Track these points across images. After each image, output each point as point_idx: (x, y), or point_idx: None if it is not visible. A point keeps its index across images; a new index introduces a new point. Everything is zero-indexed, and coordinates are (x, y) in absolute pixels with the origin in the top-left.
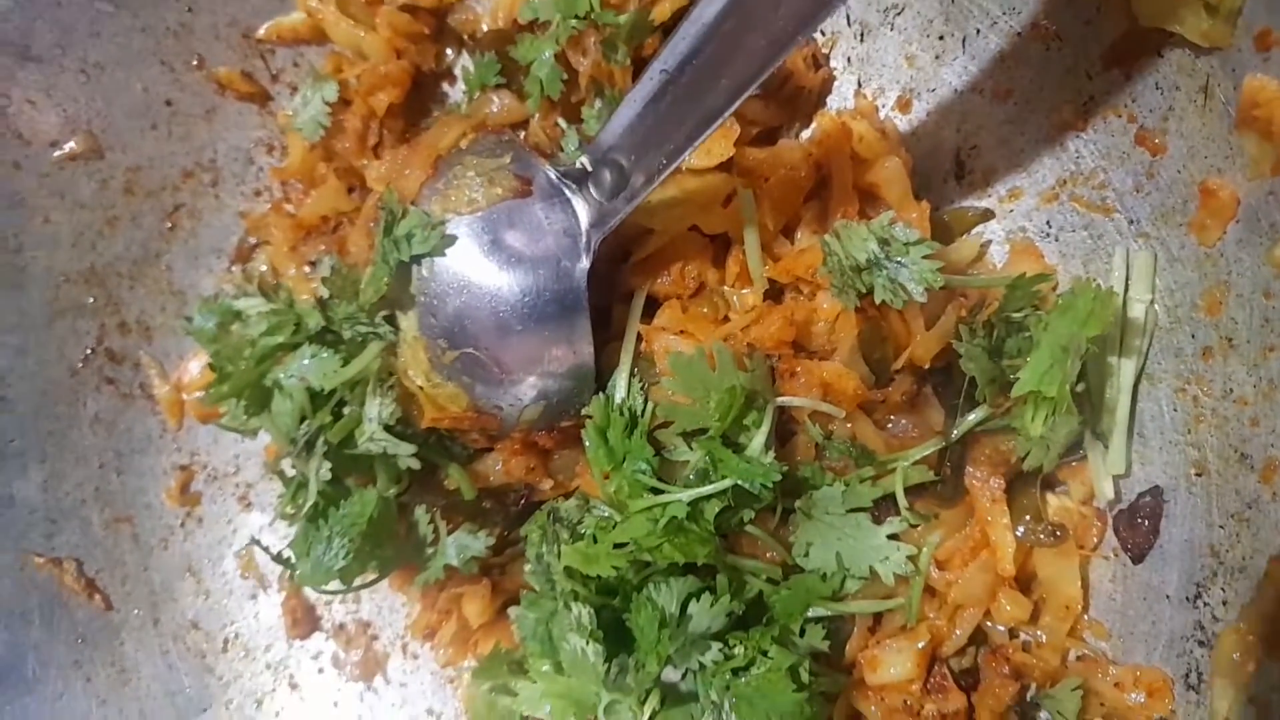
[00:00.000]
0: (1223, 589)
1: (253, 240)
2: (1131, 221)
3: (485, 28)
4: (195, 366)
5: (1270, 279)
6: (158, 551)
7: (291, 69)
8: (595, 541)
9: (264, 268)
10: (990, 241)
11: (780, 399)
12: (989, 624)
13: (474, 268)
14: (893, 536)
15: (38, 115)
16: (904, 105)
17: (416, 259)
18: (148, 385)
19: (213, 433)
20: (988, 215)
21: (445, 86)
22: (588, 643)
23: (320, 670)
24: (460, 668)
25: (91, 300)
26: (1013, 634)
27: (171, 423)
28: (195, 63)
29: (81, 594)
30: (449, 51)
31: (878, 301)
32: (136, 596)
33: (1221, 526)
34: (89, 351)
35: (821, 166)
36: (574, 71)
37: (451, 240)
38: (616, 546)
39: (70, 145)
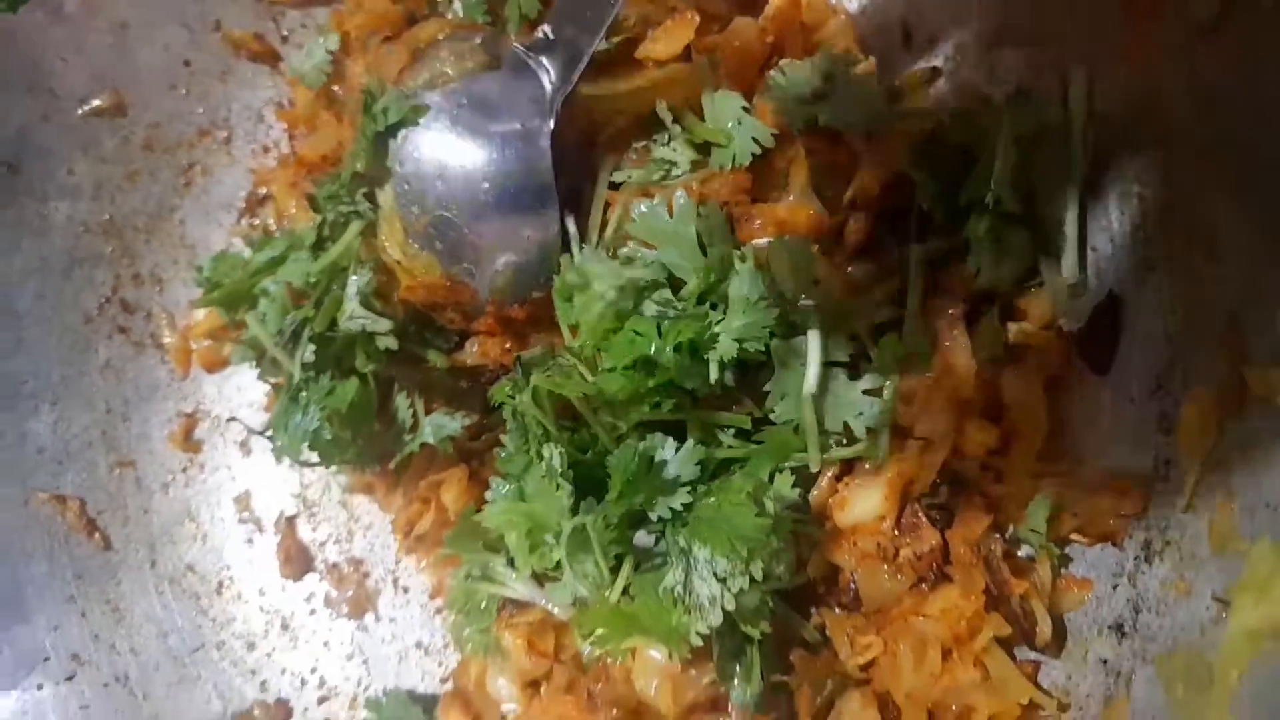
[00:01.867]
0: (1181, 371)
1: (261, 193)
2: (1065, 44)
3: None
4: (202, 314)
5: (1197, 49)
6: (158, 495)
7: (300, 30)
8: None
9: (270, 219)
10: (944, 103)
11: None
12: (960, 461)
13: (445, 136)
14: (868, 392)
15: (68, 71)
16: None
17: (392, 131)
18: (158, 335)
19: (216, 383)
20: (936, 73)
21: None
22: (557, 484)
23: (312, 611)
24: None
25: (109, 250)
26: (984, 468)
27: (179, 371)
28: (213, 24)
29: (82, 532)
30: None
31: (821, 125)
32: (135, 538)
33: (1173, 312)
34: (104, 300)
35: (776, 40)
36: None
37: (424, 110)
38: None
39: (96, 101)
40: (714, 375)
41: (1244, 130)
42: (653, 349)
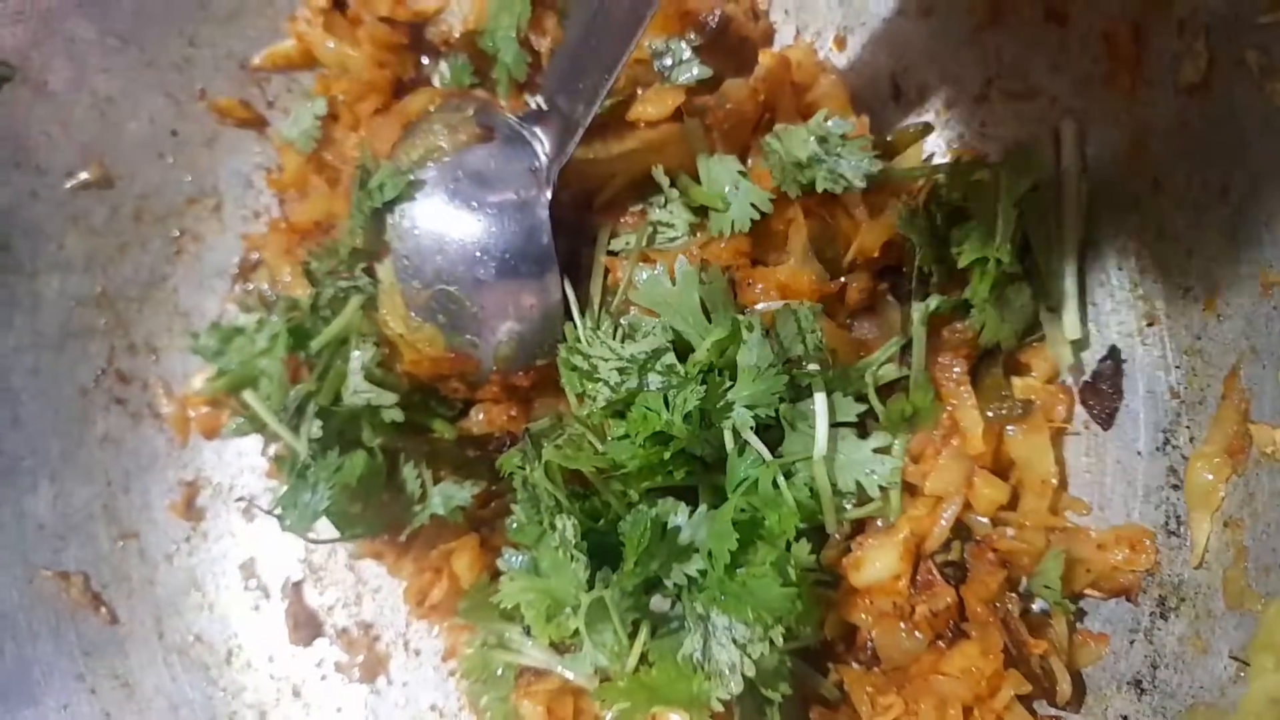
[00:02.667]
0: (1187, 426)
1: (254, 257)
2: (1055, 100)
3: (458, 34)
4: (199, 382)
5: (1185, 106)
6: (163, 566)
7: (285, 94)
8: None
9: (265, 285)
10: (933, 155)
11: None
12: (971, 516)
13: (443, 209)
14: (878, 450)
15: (54, 146)
16: (840, 43)
17: (389, 206)
18: (155, 404)
19: (217, 449)
20: (928, 129)
21: None
22: (571, 555)
23: (323, 677)
24: (461, 660)
25: (103, 323)
26: (995, 524)
27: (178, 440)
28: (198, 93)
29: (88, 607)
30: (425, 60)
31: (819, 190)
32: (141, 610)
33: (1177, 366)
34: (100, 372)
35: (766, 100)
36: (536, 54)
37: (420, 185)
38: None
39: (84, 175)
40: (730, 444)
41: (1237, 186)
42: (664, 422)
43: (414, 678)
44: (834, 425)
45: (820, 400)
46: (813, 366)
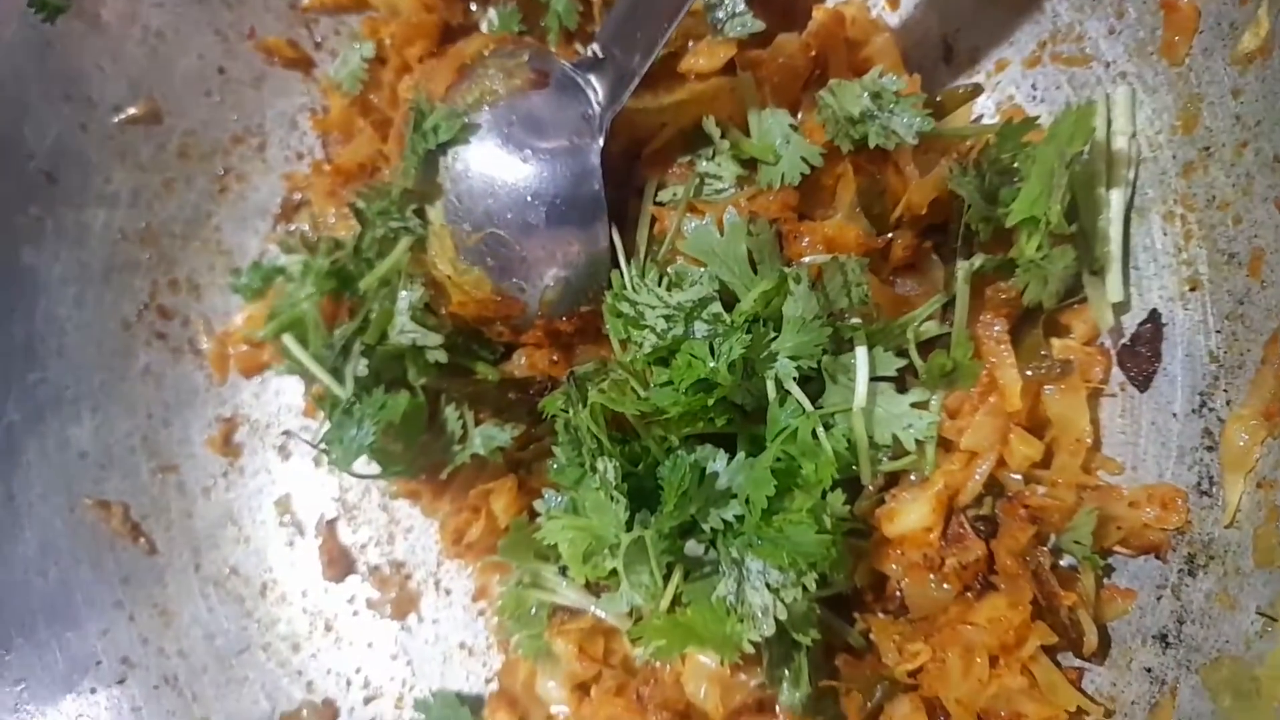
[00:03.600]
0: (1225, 390)
1: (297, 198)
2: (1109, 65)
3: None
4: (240, 320)
5: (1236, 77)
6: (200, 499)
7: (333, 36)
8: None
9: (306, 226)
10: (981, 116)
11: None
12: (1004, 473)
13: (496, 153)
14: (916, 405)
15: (104, 79)
16: (893, 2)
17: (442, 148)
18: (195, 341)
19: (255, 387)
20: (977, 90)
21: None
22: (612, 497)
23: (355, 613)
24: (491, 600)
25: (146, 258)
26: (1028, 481)
27: (217, 377)
28: (246, 32)
29: (127, 537)
30: (474, 6)
31: (872, 145)
32: (179, 542)
33: (1218, 331)
34: (142, 306)
35: (818, 55)
36: (587, 2)
37: (475, 128)
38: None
39: (132, 110)
40: (772, 394)
41: None
42: (708, 370)
43: (444, 616)
44: (874, 379)
45: (861, 354)
46: (856, 320)
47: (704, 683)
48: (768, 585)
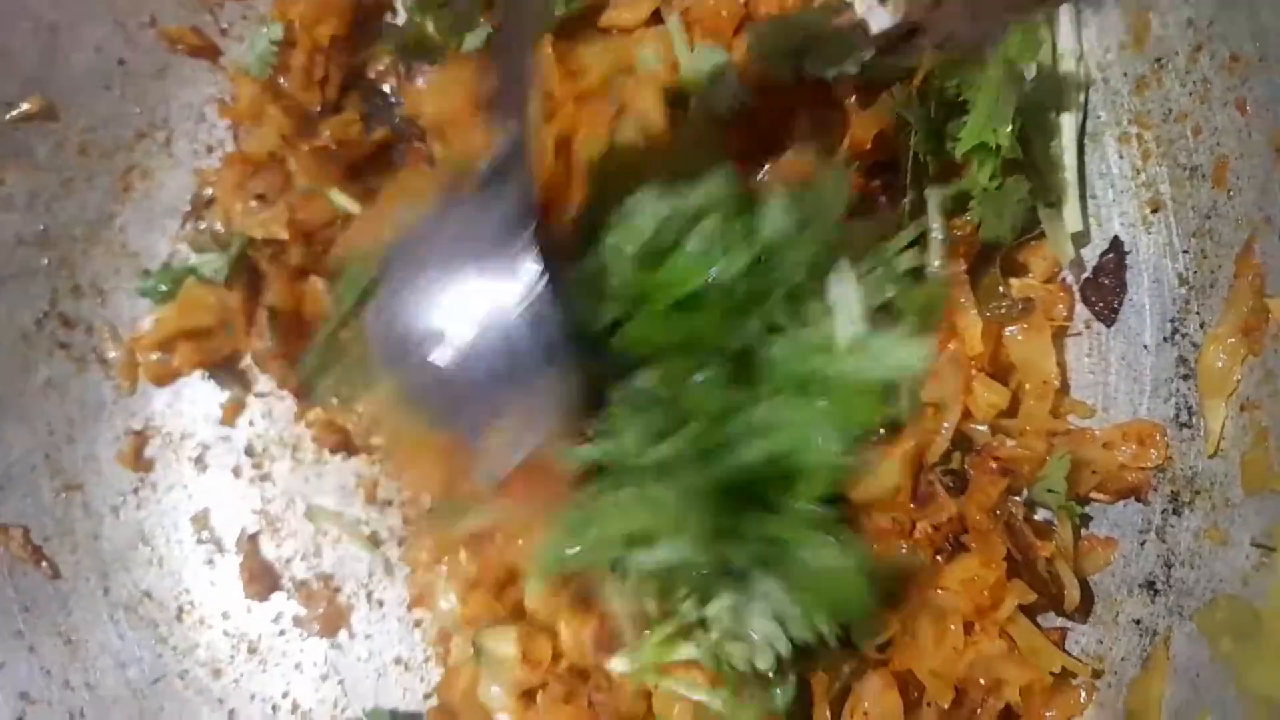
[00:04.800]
0: (1197, 312)
1: (207, 194)
2: None
3: None
4: (149, 325)
5: None
6: (109, 519)
7: (240, 22)
8: None
9: (218, 223)
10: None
11: None
12: (970, 425)
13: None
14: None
15: None
16: None
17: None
18: (101, 349)
19: (167, 397)
20: (915, 30)
21: (387, 17)
22: None
23: (281, 632)
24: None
25: (45, 263)
26: (995, 431)
27: (126, 386)
28: (147, 20)
29: (28, 561)
30: None
31: (810, 75)
32: (86, 565)
33: (1185, 251)
34: (42, 315)
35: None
36: None
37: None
38: None
39: (25, 106)
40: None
41: (1246, 53)
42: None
43: (377, 630)
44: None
45: (848, 273)
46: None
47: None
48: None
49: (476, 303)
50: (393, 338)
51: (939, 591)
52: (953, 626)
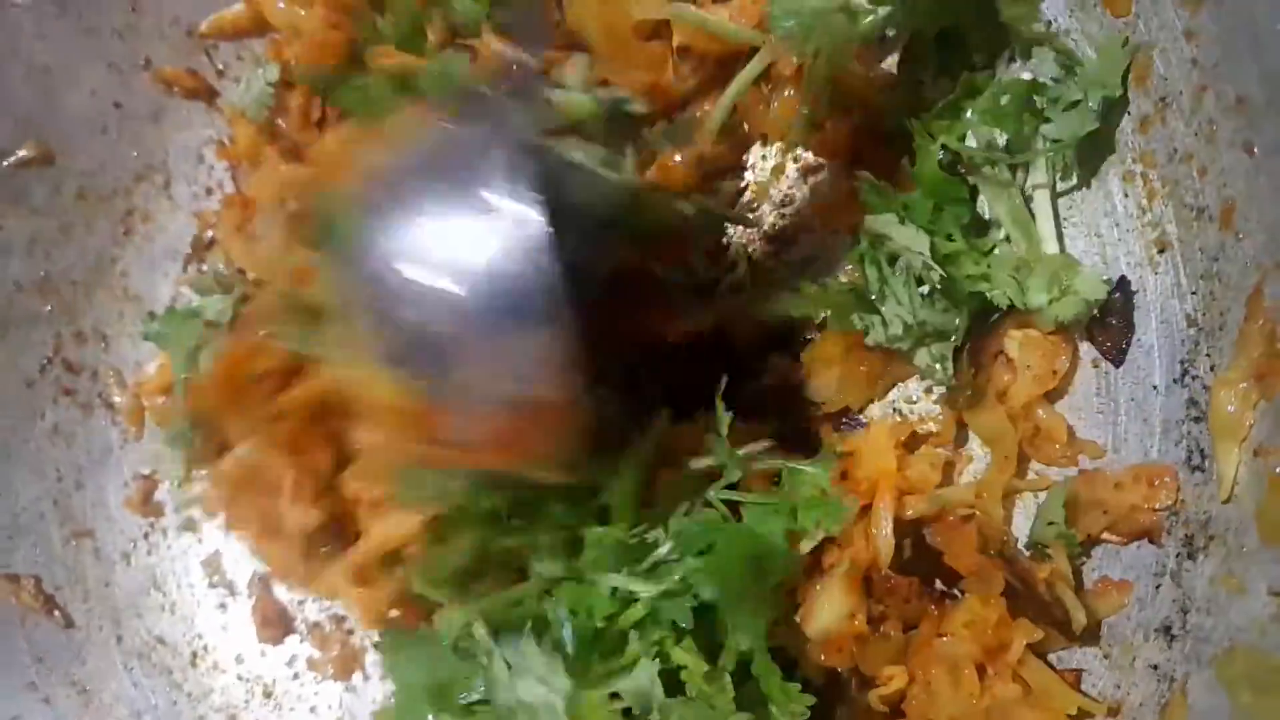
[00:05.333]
0: (1207, 354)
1: (208, 236)
2: (1050, 23)
3: None
4: (153, 368)
5: (1188, 19)
6: (120, 565)
7: (236, 63)
8: None
9: (220, 265)
10: None
11: None
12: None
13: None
14: None
15: None
16: None
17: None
18: (106, 394)
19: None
20: None
21: None
22: None
23: (295, 675)
24: None
25: (47, 309)
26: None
27: (132, 431)
28: (142, 63)
29: (40, 611)
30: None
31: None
32: (98, 613)
33: (1194, 292)
34: (45, 362)
35: None
36: None
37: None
38: None
39: (21, 152)
40: None
41: (1254, 96)
42: None
43: None
44: None
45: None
46: None
47: None
48: None
49: (466, 243)
50: (371, 282)
51: (945, 639)
52: (966, 672)
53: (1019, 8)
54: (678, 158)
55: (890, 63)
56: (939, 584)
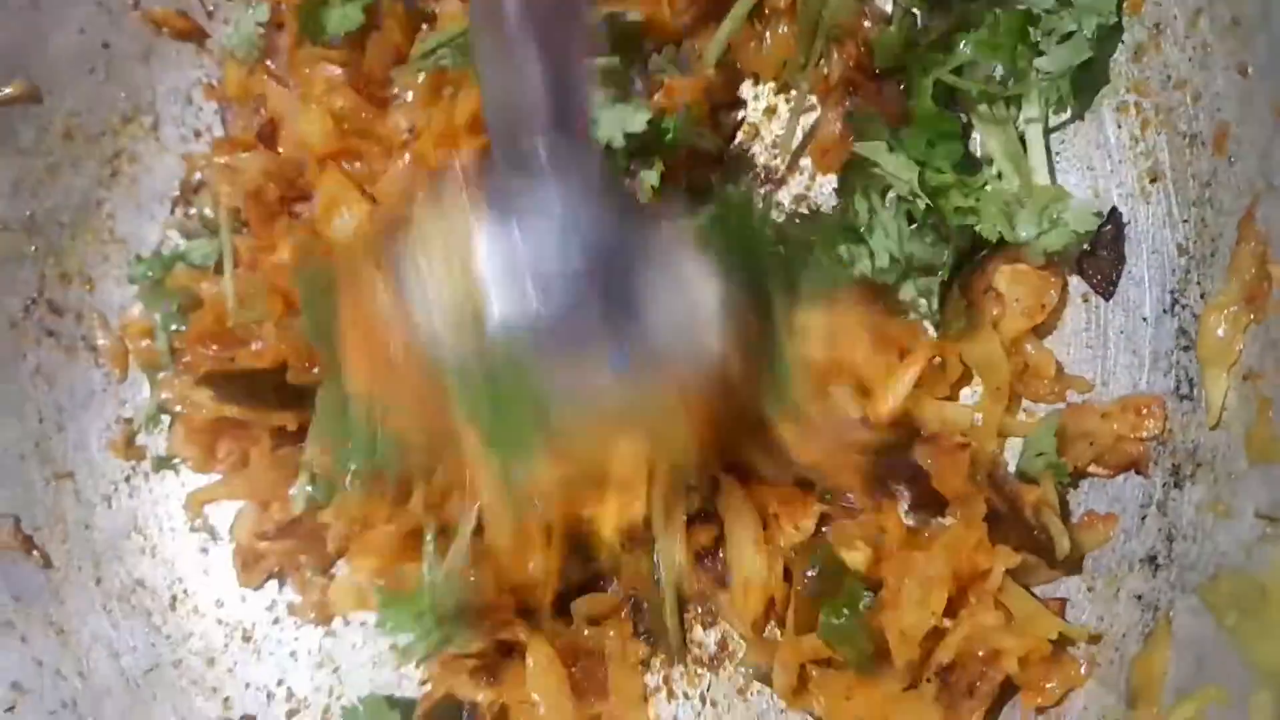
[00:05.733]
0: (1198, 283)
1: (196, 179)
2: None
3: None
4: (138, 311)
5: None
6: (100, 508)
7: (226, 4)
8: None
9: (208, 209)
10: None
11: None
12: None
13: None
14: None
15: None
16: None
17: None
18: (90, 336)
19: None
20: None
21: None
22: None
23: (275, 620)
24: None
25: (32, 250)
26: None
27: (116, 374)
28: (131, 2)
29: (18, 550)
30: None
31: None
32: (78, 554)
33: (1185, 220)
34: (29, 302)
35: None
36: None
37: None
38: None
39: (7, 90)
40: None
41: (1248, 16)
42: None
43: (371, 616)
44: None
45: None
46: None
47: None
48: None
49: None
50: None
51: (917, 554)
52: (936, 591)
53: None
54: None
55: None
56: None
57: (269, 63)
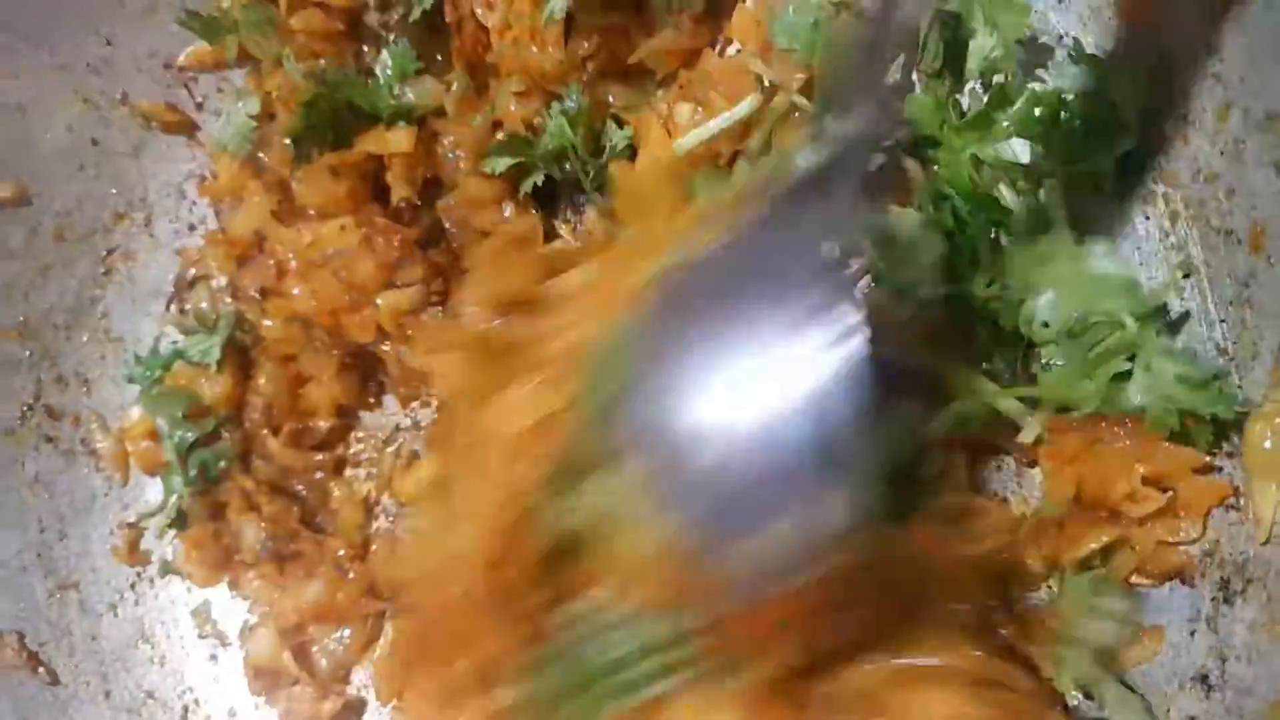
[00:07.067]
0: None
1: (191, 274)
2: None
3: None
4: (137, 412)
5: (1210, 32)
6: (107, 617)
7: (215, 95)
8: None
9: (204, 304)
10: None
11: None
12: None
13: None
14: None
15: None
16: None
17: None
18: (89, 440)
19: (160, 486)
20: None
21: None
22: None
23: None
24: None
25: (27, 354)
26: None
27: (117, 477)
28: (119, 97)
29: (24, 668)
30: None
31: None
32: (85, 668)
33: (1223, 320)
34: (26, 409)
35: None
36: None
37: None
38: None
39: None
40: None
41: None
42: None
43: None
44: None
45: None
46: None
47: None
48: None
49: (766, 359)
50: (648, 413)
51: None
52: None
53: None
54: None
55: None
56: None
57: (262, 155)
